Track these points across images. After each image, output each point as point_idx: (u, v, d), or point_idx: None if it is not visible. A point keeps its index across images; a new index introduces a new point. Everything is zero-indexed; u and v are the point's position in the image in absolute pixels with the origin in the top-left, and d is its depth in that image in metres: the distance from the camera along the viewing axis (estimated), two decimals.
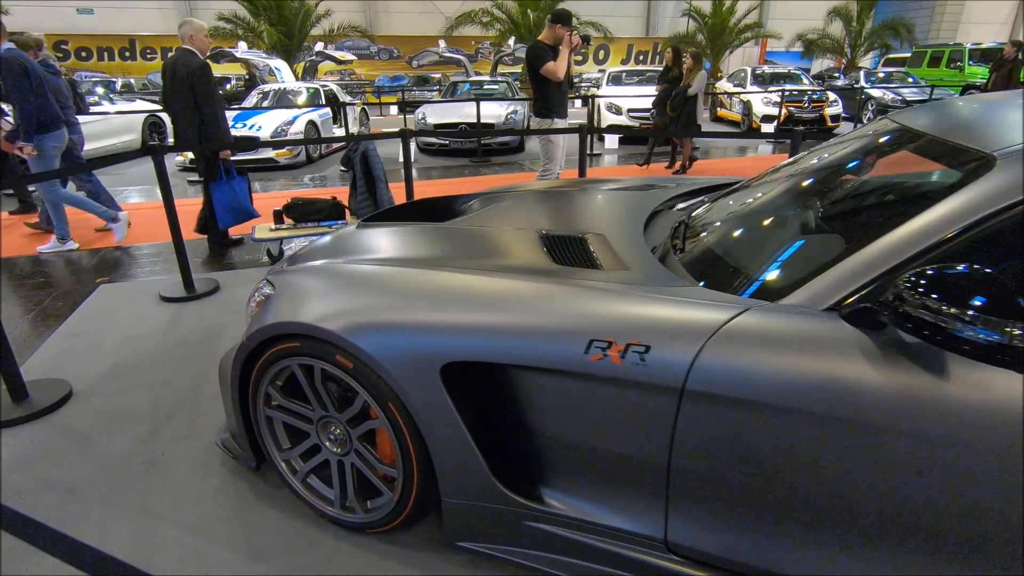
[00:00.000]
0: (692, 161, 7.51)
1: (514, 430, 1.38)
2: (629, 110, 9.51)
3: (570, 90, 4.95)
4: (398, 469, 1.48)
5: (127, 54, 21.65)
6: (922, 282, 0.91)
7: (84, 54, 21.03)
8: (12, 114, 4.25)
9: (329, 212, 4.24)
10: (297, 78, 13.53)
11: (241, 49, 11.68)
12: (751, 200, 1.69)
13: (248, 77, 15.12)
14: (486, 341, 1.27)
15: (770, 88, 11.23)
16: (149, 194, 6.61)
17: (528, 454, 1.39)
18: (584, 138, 3.81)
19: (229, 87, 15.99)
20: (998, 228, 0.99)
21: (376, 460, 1.54)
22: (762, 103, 10.80)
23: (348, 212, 4.35)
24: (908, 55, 16.08)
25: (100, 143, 8.19)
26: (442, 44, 20.44)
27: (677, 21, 24.63)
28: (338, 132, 9.46)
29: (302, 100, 9.40)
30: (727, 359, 1.07)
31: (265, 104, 9.45)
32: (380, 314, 1.39)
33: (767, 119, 10.60)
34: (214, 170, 4.06)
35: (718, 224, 1.63)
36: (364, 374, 1.39)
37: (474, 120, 8.44)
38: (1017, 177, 1.00)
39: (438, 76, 19.80)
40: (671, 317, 1.15)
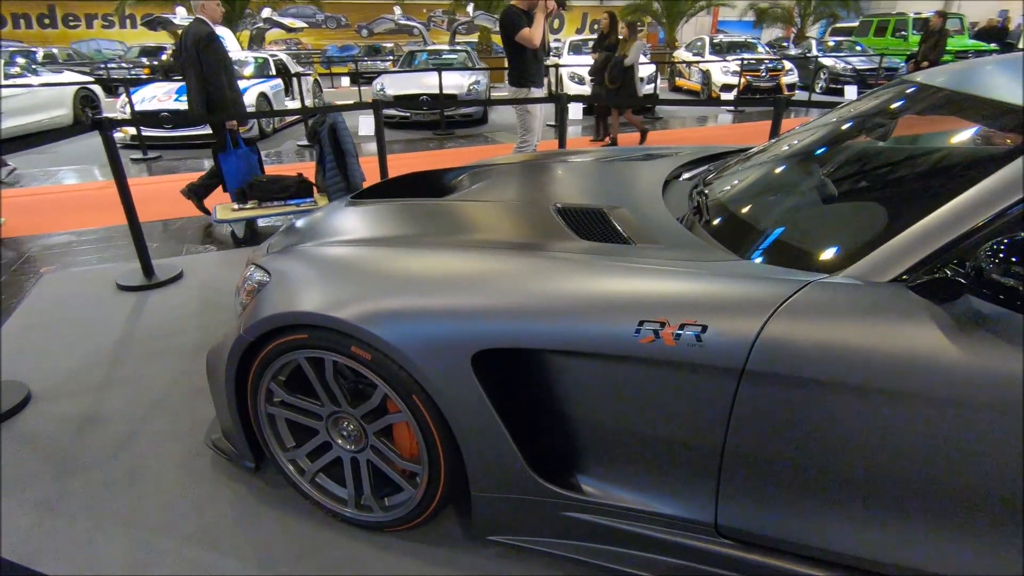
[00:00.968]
0: (644, 133, 7.25)
1: (547, 418, 1.30)
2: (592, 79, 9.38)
3: (546, 58, 4.79)
4: (422, 464, 1.38)
5: (47, 21, 19.94)
6: (1003, 250, 0.87)
7: None
8: None
9: (296, 190, 4.02)
10: (243, 47, 12.73)
11: (180, 15, 10.82)
12: (779, 168, 1.62)
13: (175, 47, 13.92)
14: (522, 326, 1.17)
15: (728, 57, 11.30)
16: (85, 174, 6.11)
17: (562, 442, 1.32)
18: (563, 108, 3.70)
19: (164, 58, 14.89)
20: None
21: (396, 455, 1.44)
22: (721, 72, 10.86)
23: (316, 189, 4.13)
24: (855, 24, 16.46)
25: (26, 119, 7.52)
26: (398, 11, 19.58)
27: None
28: (291, 105, 8.98)
29: (249, 71, 8.85)
30: (791, 337, 1.01)
31: None
32: (401, 300, 1.27)
33: (726, 88, 10.68)
34: (222, 140, 3.97)
35: (748, 193, 1.56)
36: (384, 366, 1.28)
37: (435, 91, 8.16)
38: None
39: (390, 45, 19.05)
40: (727, 294, 1.09)
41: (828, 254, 1.15)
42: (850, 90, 10.96)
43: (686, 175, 2.02)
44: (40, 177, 6.00)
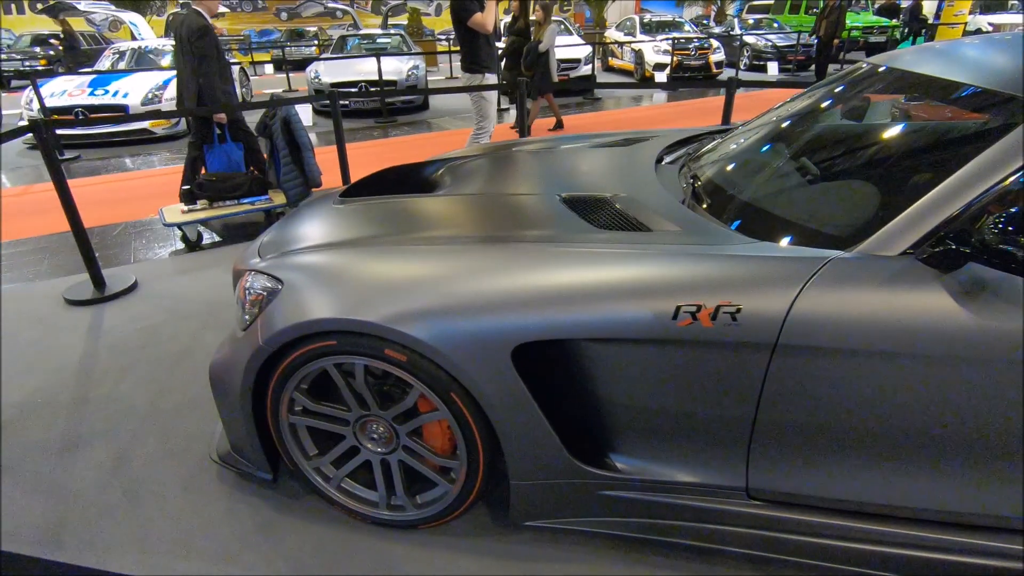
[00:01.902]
0: (559, 121, 7.08)
1: (581, 402, 1.35)
2: None
3: (498, 42, 4.76)
4: (460, 459, 1.40)
5: None
6: (1002, 219, 0.99)
7: None
8: None
9: (249, 187, 3.84)
10: (157, 35, 11.83)
11: (86, 2, 9.92)
12: (779, 149, 1.70)
13: (64, 36, 11.69)
14: (561, 318, 1.21)
15: (659, 37, 11.58)
16: None
17: (596, 423, 1.37)
18: (524, 94, 3.71)
19: (53, 52, 13.51)
20: None
21: (430, 452, 1.45)
22: (653, 52, 11.13)
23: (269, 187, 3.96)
24: (771, 2, 17.20)
25: None
26: None
27: None
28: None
29: (167, 61, 8.30)
30: (818, 311, 1.10)
31: (122, 66, 8.24)
32: (434, 299, 1.27)
33: (659, 67, 10.97)
34: (209, 133, 3.87)
35: (752, 176, 1.63)
36: (421, 366, 1.28)
37: (373, 77, 7.93)
38: None
39: (314, 30, 18.23)
40: (757, 275, 1.16)
41: (841, 232, 1.24)
42: (772, 66, 11.53)
43: (668, 158, 2.10)
44: None
